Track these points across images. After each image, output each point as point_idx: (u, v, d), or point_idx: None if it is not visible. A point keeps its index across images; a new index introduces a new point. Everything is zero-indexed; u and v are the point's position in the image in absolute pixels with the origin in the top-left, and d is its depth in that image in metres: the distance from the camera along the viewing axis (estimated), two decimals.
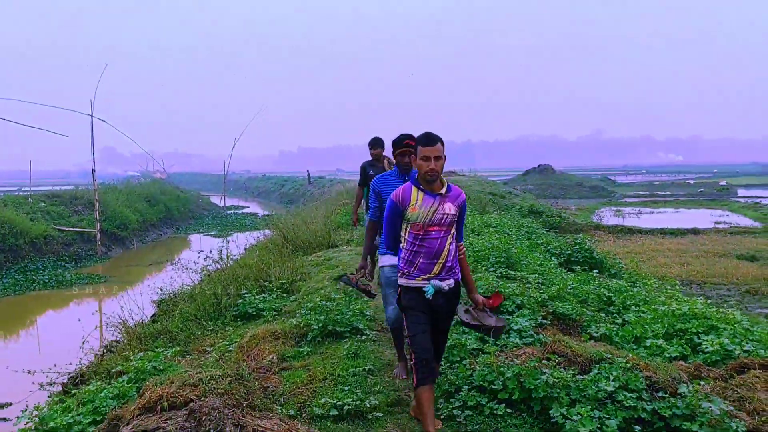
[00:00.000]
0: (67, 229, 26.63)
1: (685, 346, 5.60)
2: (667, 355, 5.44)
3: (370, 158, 7.80)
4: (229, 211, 48.78)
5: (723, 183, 56.60)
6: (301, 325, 5.51)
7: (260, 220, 34.58)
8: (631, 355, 4.86)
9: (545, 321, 5.95)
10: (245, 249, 16.57)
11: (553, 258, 11.46)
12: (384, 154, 7.74)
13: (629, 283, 9.52)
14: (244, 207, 54.07)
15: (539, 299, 6.34)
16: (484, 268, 7.97)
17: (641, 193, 53.76)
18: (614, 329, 5.88)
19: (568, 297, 6.76)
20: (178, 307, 7.93)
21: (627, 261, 13.61)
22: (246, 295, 7.46)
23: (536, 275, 7.71)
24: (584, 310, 6.37)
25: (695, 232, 23.79)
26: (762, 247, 19.45)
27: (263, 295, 7.60)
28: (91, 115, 27.46)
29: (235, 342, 6.01)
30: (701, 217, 30.98)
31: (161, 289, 8.95)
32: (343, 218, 15.60)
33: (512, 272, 7.88)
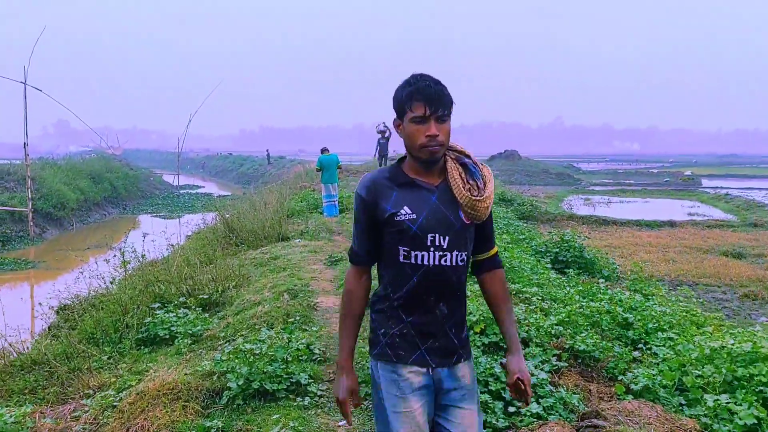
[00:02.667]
0: None
1: (758, 406, 4.03)
2: (739, 422, 3.87)
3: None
4: (182, 191, 46.33)
5: (688, 173, 56.30)
6: (215, 376, 3.75)
7: (215, 200, 32.50)
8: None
9: (561, 363, 4.35)
10: (187, 237, 14.67)
11: (539, 258, 9.94)
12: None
13: (631, 291, 8.06)
14: (199, 186, 51.58)
15: (548, 329, 4.75)
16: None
17: (606, 181, 53.04)
18: (655, 377, 4.28)
19: (581, 322, 5.20)
20: (70, 323, 6.07)
21: (619, 260, 12.29)
22: (159, 312, 5.64)
23: (536, 288, 6.10)
24: (608, 344, 4.77)
25: (672, 224, 22.69)
26: (745, 243, 18.36)
27: (183, 310, 5.79)
28: (24, 83, 24.86)
29: (129, 386, 4.23)
30: (672, 208, 30.03)
31: (44, 303, 7.00)
32: (298, 204, 13.80)
33: (514, 285, 6.25)
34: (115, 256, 7.60)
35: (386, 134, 24.82)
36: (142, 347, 5.34)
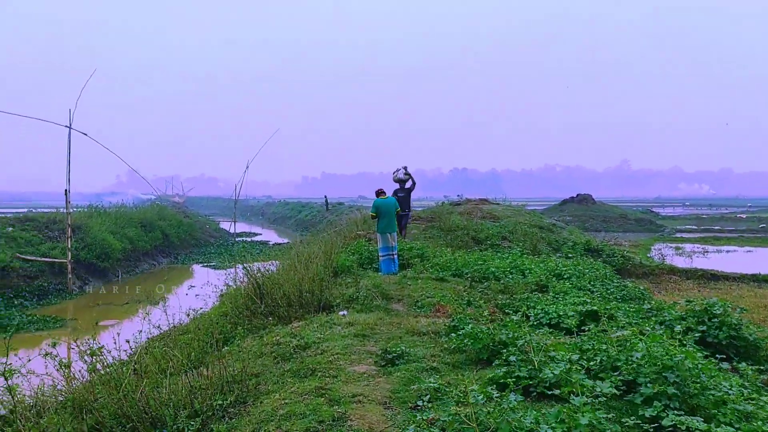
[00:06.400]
0: (32, 258, 22.59)
1: None
2: None
3: None
4: (239, 239, 44.90)
5: None
6: None
7: (270, 249, 30.58)
8: None
9: None
10: (219, 297, 12.32)
11: (681, 338, 6.95)
12: None
13: None
14: (257, 234, 50.20)
15: None
16: (625, 409, 3.52)
17: (691, 227, 48.48)
18: None
19: None
20: None
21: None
22: None
23: None
24: None
25: None
26: None
27: None
28: (69, 127, 23.71)
29: None
30: None
31: None
32: (349, 259, 11.20)
33: (697, 422, 3.41)
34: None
35: (407, 184, 16.69)
36: None
